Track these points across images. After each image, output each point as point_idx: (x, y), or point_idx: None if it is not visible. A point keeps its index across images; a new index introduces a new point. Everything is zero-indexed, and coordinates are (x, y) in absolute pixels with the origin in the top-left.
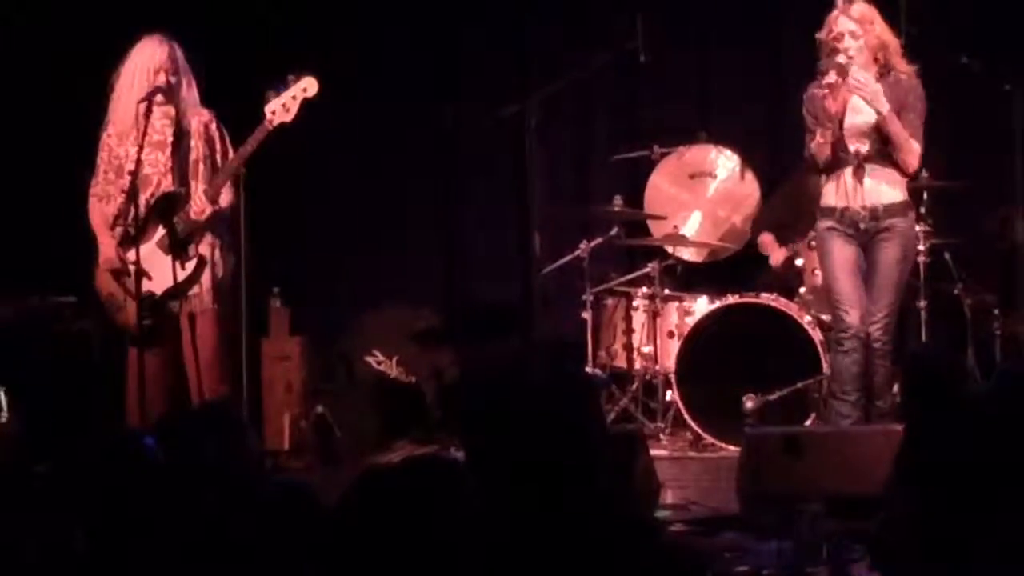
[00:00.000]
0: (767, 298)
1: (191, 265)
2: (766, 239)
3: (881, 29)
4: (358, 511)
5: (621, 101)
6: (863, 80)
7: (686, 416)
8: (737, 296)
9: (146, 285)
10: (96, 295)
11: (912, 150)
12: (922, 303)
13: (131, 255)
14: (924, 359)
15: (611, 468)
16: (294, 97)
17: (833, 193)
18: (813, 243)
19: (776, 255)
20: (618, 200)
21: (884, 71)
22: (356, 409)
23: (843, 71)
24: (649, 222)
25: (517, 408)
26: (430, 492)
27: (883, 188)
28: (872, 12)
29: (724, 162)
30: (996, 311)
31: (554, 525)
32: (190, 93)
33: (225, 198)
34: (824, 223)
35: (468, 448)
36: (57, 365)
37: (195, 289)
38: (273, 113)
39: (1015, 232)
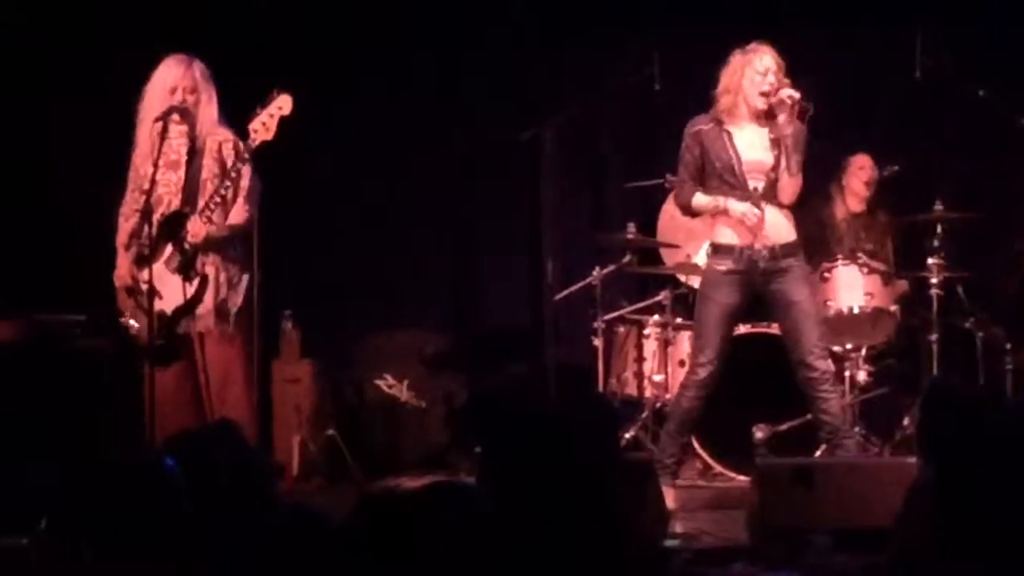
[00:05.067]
0: (778, 328)
1: (195, 285)
2: None
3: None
4: (375, 535)
5: (636, 128)
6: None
7: (696, 445)
8: (748, 326)
9: (158, 304)
10: (119, 313)
11: (800, 180)
12: (934, 336)
13: (144, 274)
14: (943, 392)
15: (622, 497)
16: (271, 115)
17: (731, 231)
18: (826, 274)
19: None
20: (631, 227)
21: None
22: (366, 433)
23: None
24: (662, 250)
25: (533, 434)
26: (450, 518)
27: (781, 226)
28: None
29: None
30: (1008, 345)
31: (565, 552)
32: (208, 112)
33: (237, 215)
34: (721, 264)
35: (481, 472)
36: (66, 383)
37: (200, 309)
38: (255, 132)
39: None
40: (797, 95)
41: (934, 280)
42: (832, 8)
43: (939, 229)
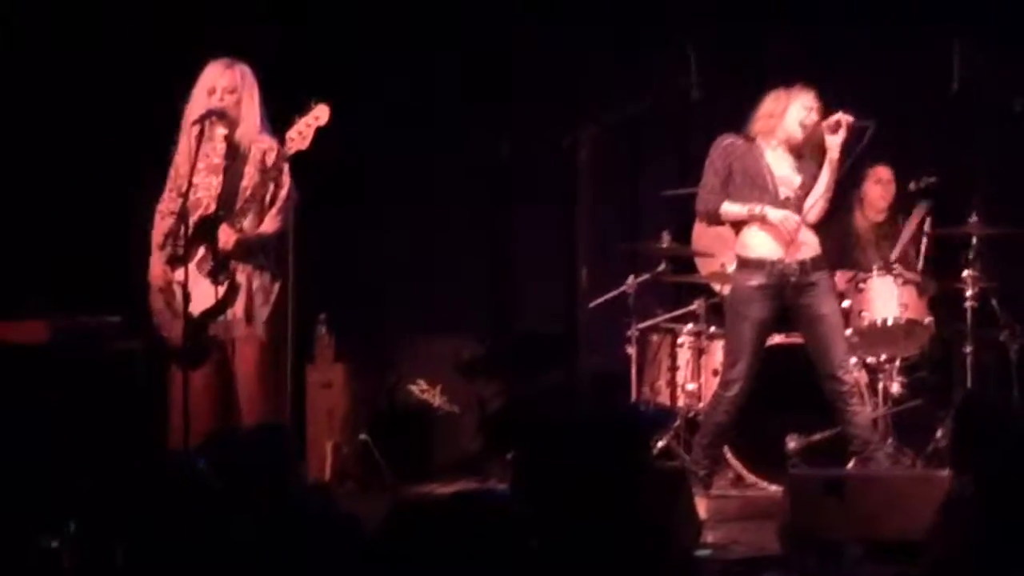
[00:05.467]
0: (804, 341)
1: (222, 290)
2: None
3: None
4: (409, 541)
5: (673, 137)
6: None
7: (728, 455)
8: (782, 336)
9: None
10: (148, 312)
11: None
12: (968, 348)
13: (177, 275)
14: (977, 404)
15: (654, 506)
16: (308, 125)
17: (763, 243)
18: (861, 285)
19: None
20: (666, 236)
21: None
22: (399, 437)
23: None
24: (696, 259)
25: (566, 442)
26: (483, 526)
27: (810, 241)
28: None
29: None
30: None
31: (598, 561)
32: (250, 116)
33: (269, 224)
34: (752, 279)
35: (515, 479)
36: (100, 384)
37: (228, 314)
38: (291, 140)
39: None
40: (851, 118)
41: (968, 292)
42: (870, 17)
43: (974, 241)
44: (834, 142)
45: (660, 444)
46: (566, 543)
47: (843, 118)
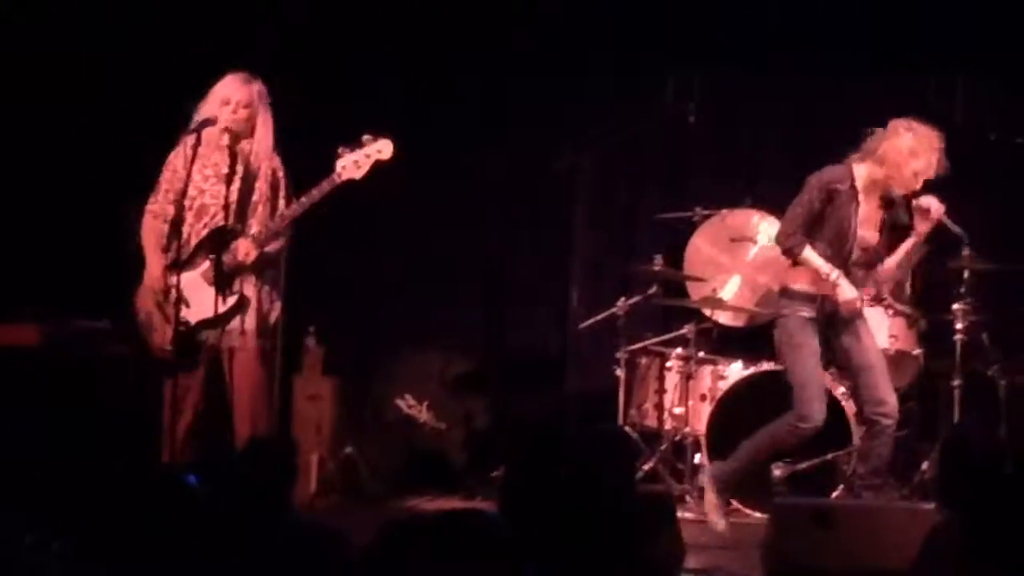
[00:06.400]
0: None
1: (231, 301)
2: None
3: None
4: (394, 562)
5: (669, 160)
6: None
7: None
8: (772, 363)
9: (184, 312)
10: (134, 313)
11: None
12: (956, 382)
13: (175, 280)
14: (967, 440)
15: (638, 529)
16: (367, 156)
17: (816, 281)
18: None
19: None
20: (659, 259)
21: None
22: (384, 452)
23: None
24: (688, 283)
25: (558, 467)
26: (471, 548)
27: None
28: None
29: (766, 228)
30: None
31: None
32: (264, 133)
33: (281, 242)
34: (804, 311)
35: (503, 498)
36: (89, 390)
37: (232, 325)
38: (344, 168)
39: None
40: (942, 209)
41: (959, 325)
42: (872, 53)
43: (966, 275)
44: (922, 227)
45: (646, 467)
46: (553, 565)
47: (935, 208)
